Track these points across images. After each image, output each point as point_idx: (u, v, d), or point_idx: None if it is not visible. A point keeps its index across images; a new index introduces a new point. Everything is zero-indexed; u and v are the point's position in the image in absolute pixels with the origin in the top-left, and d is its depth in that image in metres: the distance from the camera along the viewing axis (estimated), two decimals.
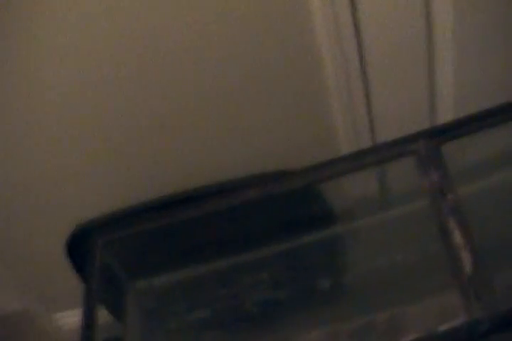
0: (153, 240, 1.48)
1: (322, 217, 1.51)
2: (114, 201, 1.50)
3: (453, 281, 1.13)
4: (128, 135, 1.39)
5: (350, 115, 1.40)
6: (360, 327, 1.42)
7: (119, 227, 1.44)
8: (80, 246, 1.52)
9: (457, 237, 1.17)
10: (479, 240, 1.18)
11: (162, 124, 1.39)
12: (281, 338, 1.49)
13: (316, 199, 1.47)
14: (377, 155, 1.36)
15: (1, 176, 1.41)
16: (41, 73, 1.26)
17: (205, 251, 1.52)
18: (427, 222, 1.28)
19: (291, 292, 1.55)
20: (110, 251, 1.44)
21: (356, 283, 1.53)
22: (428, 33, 1.33)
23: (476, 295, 1.10)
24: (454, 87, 1.39)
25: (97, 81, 1.29)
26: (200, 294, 1.57)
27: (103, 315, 1.50)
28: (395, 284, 1.43)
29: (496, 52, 1.37)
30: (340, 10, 1.25)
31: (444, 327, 1.09)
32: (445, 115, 1.43)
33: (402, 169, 1.37)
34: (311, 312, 1.49)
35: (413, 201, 1.46)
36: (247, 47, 1.30)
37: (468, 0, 1.29)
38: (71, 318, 1.84)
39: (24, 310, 1.77)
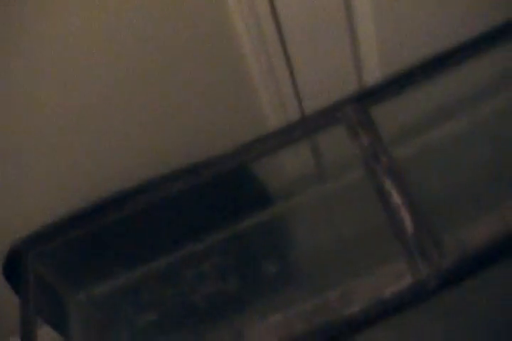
0: (85, 246, 1.42)
1: (259, 198, 1.47)
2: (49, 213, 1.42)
3: (396, 242, 1.09)
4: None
5: (274, 87, 1.36)
6: (314, 307, 1.37)
7: (49, 237, 1.36)
8: (15, 266, 1.45)
9: (395, 198, 1.13)
10: (420, 200, 1.15)
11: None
12: (236, 329, 1.43)
13: (251, 181, 1.42)
14: (307, 126, 1.32)
15: None
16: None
17: (142, 251, 1.46)
18: (367, 190, 1.24)
19: (238, 281, 1.49)
20: (43, 263, 1.37)
21: (303, 263, 1.49)
22: None
23: (420, 253, 1.06)
24: (377, 46, 1.35)
25: None
26: (145, 297, 1.50)
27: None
28: (342, 259, 1.39)
29: (415, 7, 1.34)
30: None
31: (390, 290, 1.04)
32: (372, 77, 1.39)
33: (334, 137, 1.32)
34: (262, 300, 1.44)
35: (349, 170, 1.42)
36: (163, 27, 1.24)
37: None
38: None
39: None
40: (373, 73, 1.39)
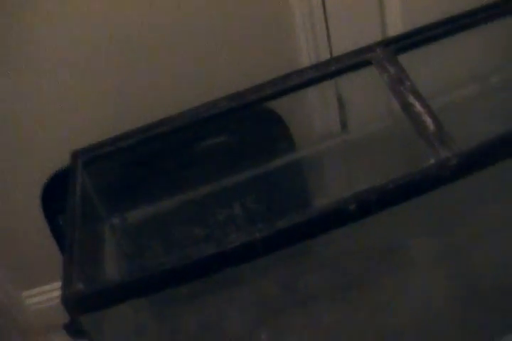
0: (127, 170, 1.53)
1: (282, 140, 1.59)
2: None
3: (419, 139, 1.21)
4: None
5: (310, 31, 1.52)
6: None
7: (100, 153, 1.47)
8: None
9: (418, 107, 1.27)
10: None
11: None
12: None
13: (275, 121, 1.56)
14: (334, 66, 1.44)
15: None
16: None
17: (174, 185, 1.57)
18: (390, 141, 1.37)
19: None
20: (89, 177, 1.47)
21: None
22: None
23: (441, 142, 1.19)
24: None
25: None
26: (174, 229, 1.59)
27: None
28: None
29: None
30: None
31: (415, 170, 1.16)
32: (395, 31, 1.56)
33: (361, 81, 1.47)
34: None
35: (374, 122, 1.55)
36: None
37: None
38: (39, 297, 1.84)
39: None
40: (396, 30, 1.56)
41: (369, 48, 1.44)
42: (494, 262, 1.45)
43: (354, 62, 1.45)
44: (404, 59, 1.40)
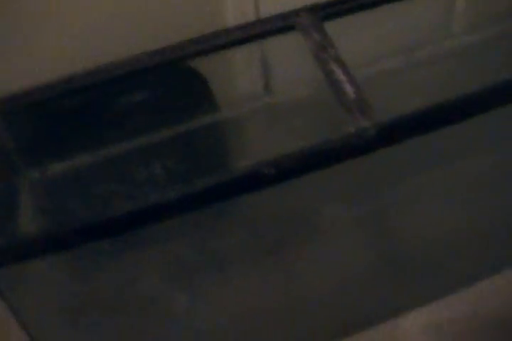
0: (46, 124, 1.50)
1: (204, 100, 1.58)
2: None
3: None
4: None
5: None
6: None
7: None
8: None
9: (339, 76, 1.29)
10: None
11: None
12: None
13: (197, 80, 1.54)
14: (259, 28, 1.43)
15: None
16: None
17: (92, 139, 1.56)
18: (313, 107, 1.38)
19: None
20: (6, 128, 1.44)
21: None
22: None
23: (361, 111, 1.21)
24: None
25: None
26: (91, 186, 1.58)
27: None
28: None
29: None
30: None
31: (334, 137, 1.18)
32: None
33: (285, 46, 1.47)
34: None
35: (298, 87, 1.56)
36: None
37: None
38: None
39: None
40: None
41: (295, 13, 1.43)
42: (412, 232, 1.49)
43: (279, 26, 1.44)
44: (332, 27, 1.40)
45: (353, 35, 1.52)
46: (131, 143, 1.57)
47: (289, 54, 1.49)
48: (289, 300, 1.52)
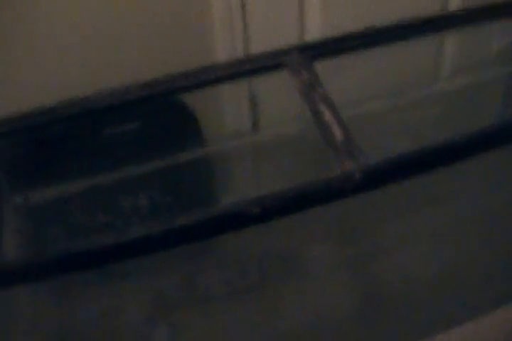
0: (32, 151, 1.49)
1: (191, 134, 1.58)
2: None
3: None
4: None
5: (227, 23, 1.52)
6: None
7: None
8: None
9: (328, 117, 1.29)
10: None
11: None
12: None
13: (185, 114, 1.54)
14: (249, 65, 1.43)
15: None
16: None
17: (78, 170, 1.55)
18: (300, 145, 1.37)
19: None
20: None
21: None
22: None
23: (348, 154, 1.21)
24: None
25: None
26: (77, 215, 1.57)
27: None
28: None
29: None
30: None
31: (320, 179, 1.18)
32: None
33: (275, 83, 1.47)
34: None
35: (285, 123, 1.56)
36: None
37: None
38: None
39: None
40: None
41: (285, 51, 1.44)
42: (394, 274, 1.49)
43: (269, 63, 1.44)
44: (322, 66, 1.41)
45: (342, 75, 1.53)
46: (118, 174, 1.56)
47: (277, 92, 1.49)
48: (270, 338, 1.51)
